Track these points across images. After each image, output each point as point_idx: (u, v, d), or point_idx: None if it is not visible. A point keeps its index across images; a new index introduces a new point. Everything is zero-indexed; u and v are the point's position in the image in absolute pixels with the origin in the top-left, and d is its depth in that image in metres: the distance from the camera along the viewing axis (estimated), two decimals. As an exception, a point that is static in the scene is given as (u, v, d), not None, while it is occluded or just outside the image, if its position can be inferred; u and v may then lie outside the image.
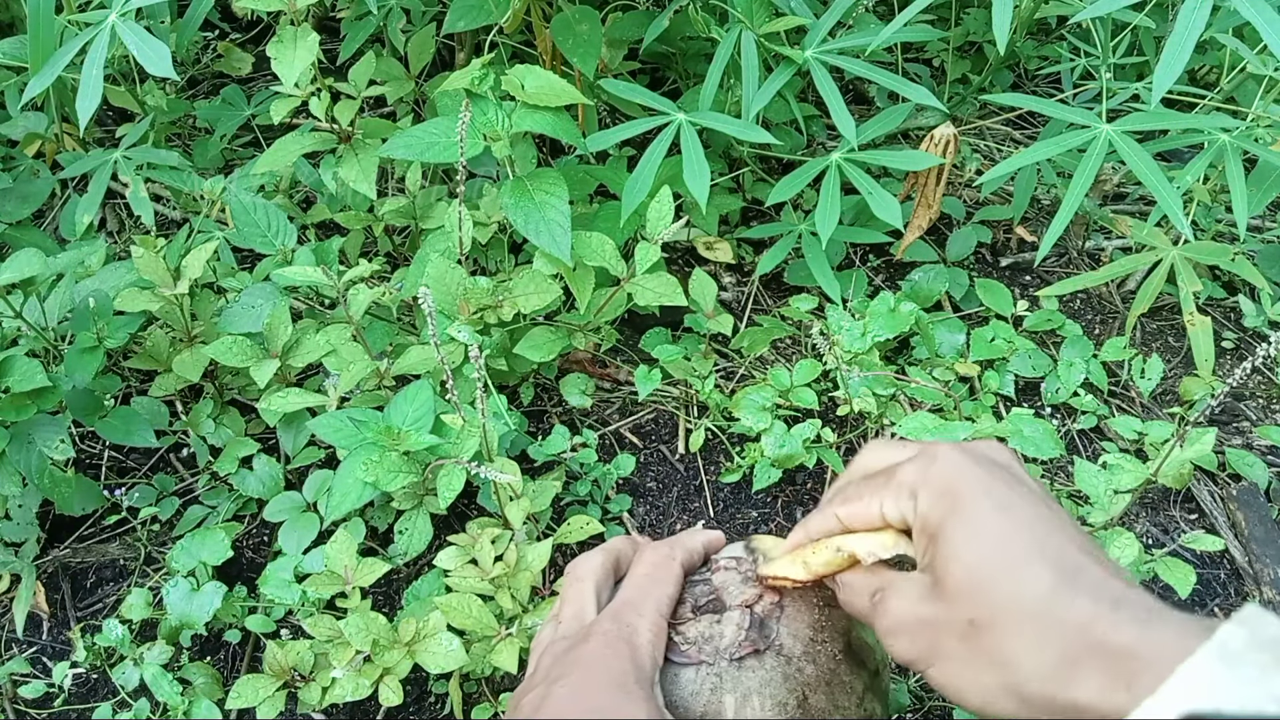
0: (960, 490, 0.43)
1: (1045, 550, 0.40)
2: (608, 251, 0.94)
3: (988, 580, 0.40)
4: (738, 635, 0.52)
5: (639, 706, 0.44)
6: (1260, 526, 0.97)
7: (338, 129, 0.98)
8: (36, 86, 0.88)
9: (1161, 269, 1.08)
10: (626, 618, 0.50)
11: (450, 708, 0.83)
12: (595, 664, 0.47)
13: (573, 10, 1.03)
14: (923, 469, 0.45)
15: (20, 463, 0.85)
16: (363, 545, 0.87)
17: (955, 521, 0.42)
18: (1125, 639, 0.36)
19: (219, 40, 1.49)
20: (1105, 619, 0.37)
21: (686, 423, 1.07)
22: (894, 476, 0.46)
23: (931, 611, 0.42)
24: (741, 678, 0.51)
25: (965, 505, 0.42)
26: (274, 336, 0.91)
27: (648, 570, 0.53)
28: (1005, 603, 0.39)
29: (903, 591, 0.44)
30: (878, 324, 1.00)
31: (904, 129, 1.35)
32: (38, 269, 0.83)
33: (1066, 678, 0.37)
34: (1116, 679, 0.36)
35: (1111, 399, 1.10)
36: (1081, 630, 0.37)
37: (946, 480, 0.43)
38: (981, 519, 0.42)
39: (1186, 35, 0.82)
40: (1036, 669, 0.38)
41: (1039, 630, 0.38)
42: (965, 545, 0.41)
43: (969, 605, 0.40)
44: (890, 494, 0.45)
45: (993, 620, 0.40)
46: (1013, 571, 0.40)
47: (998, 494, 0.42)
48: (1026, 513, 0.42)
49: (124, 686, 0.81)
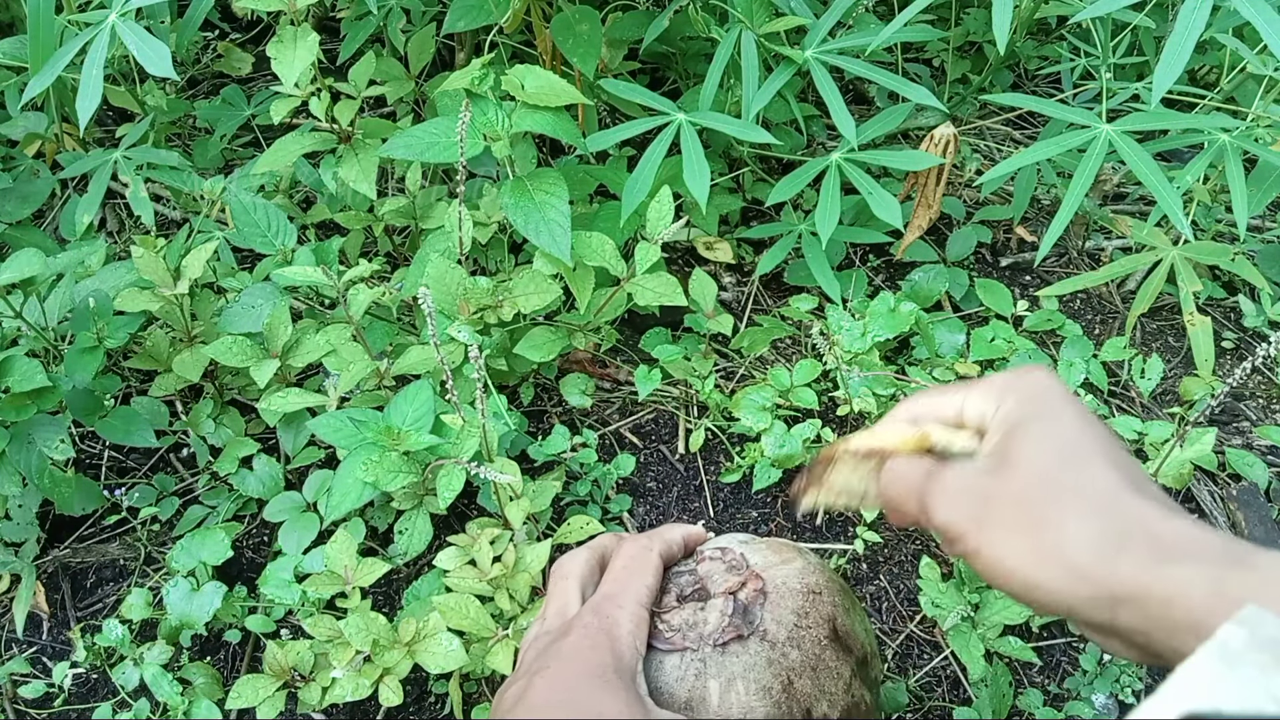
0: (1051, 399, 0.45)
1: (1117, 462, 0.42)
2: (608, 251, 0.94)
3: (1057, 467, 0.42)
4: (721, 621, 0.53)
5: (618, 696, 0.45)
6: (1260, 526, 0.97)
7: (338, 129, 0.98)
8: (36, 86, 0.88)
9: (1161, 269, 1.08)
10: (606, 610, 0.50)
11: (450, 708, 0.83)
12: (575, 656, 0.47)
13: (573, 10, 1.03)
14: (1017, 375, 0.46)
15: (20, 463, 0.85)
16: (363, 545, 0.87)
17: (1039, 418, 0.44)
18: (1176, 529, 0.39)
19: (219, 40, 1.49)
20: (1157, 515, 0.39)
21: (686, 423, 1.07)
22: (983, 380, 0.47)
23: (991, 483, 0.43)
24: (725, 663, 0.51)
25: (1052, 407, 0.44)
26: (274, 336, 0.91)
27: (626, 563, 0.54)
28: (1070, 485, 0.41)
29: (964, 467, 0.45)
30: (878, 324, 1.00)
31: (904, 129, 1.35)
32: (38, 269, 0.83)
33: (1114, 549, 0.39)
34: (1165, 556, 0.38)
35: (1111, 399, 1.10)
36: (1137, 518, 0.39)
37: (1040, 388, 0.45)
38: (1066, 420, 0.43)
39: (1186, 35, 0.82)
40: (1087, 536, 0.39)
41: (1098, 509, 0.40)
42: (1043, 437, 0.43)
43: (1033, 482, 0.42)
44: (978, 392, 0.47)
45: (1054, 496, 0.41)
46: (1083, 465, 0.42)
47: (1080, 409, 0.45)
48: (1102, 429, 0.44)
49: (124, 686, 0.81)
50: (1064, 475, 0.42)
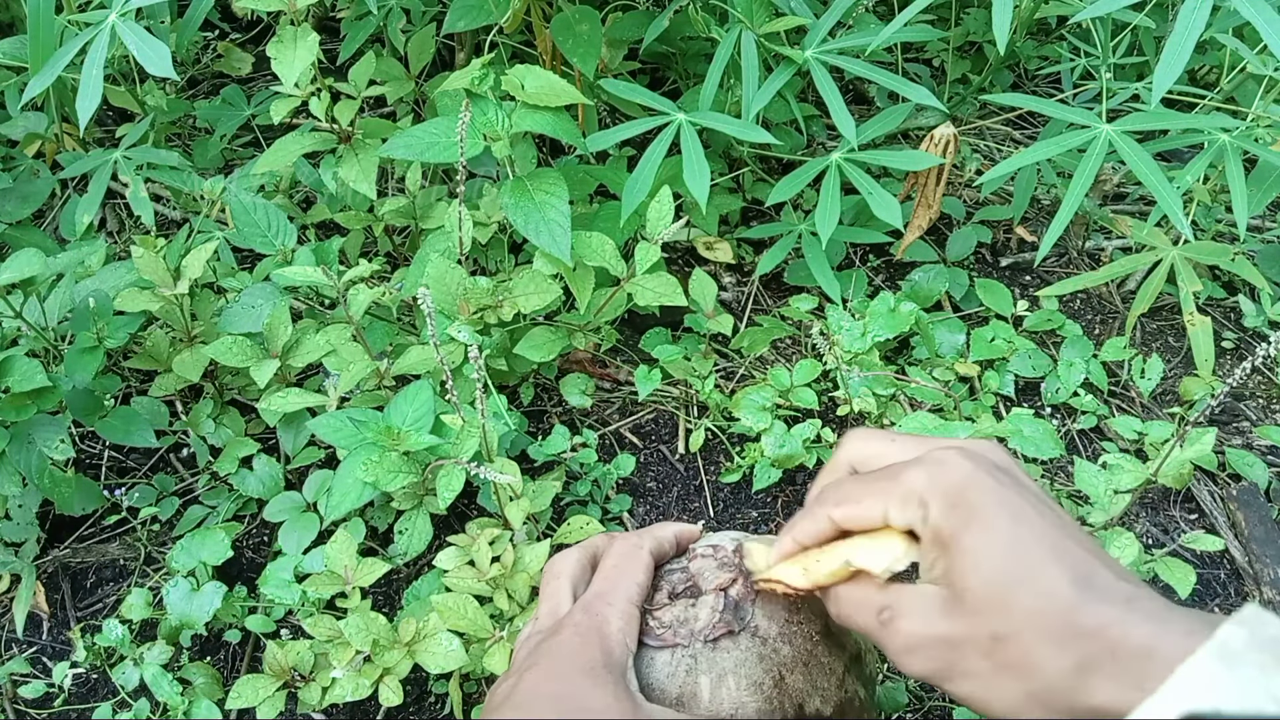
0: (974, 500, 0.42)
1: (1059, 557, 0.40)
2: (608, 251, 0.94)
3: (1008, 592, 0.40)
4: (712, 617, 0.53)
5: (607, 691, 0.45)
6: (1260, 526, 0.97)
7: (338, 129, 0.98)
8: (36, 86, 0.88)
9: (1161, 269, 1.08)
10: (596, 608, 0.50)
11: (450, 708, 0.83)
12: (565, 653, 0.47)
13: (573, 10, 1.03)
14: (931, 476, 0.43)
15: (20, 463, 0.85)
16: (363, 545, 0.87)
17: (971, 533, 0.41)
18: (1139, 639, 0.37)
19: (219, 40, 1.49)
20: (1119, 622, 0.38)
21: (686, 423, 1.07)
22: (900, 481, 0.44)
23: (950, 629, 0.42)
24: (716, 659, 0.51)
25: (980, 515, 0.42)
26: (274, 336, 0.91)
27: (616, 561, 0.54)
28: (1026, 613, 0.39)
29: (915, 609, 0.43)
30: (878, 324, 1.00)
31: (904, 129, 1.35)
32: (38, 269, 0.83)
33: (1085, 682, 0.38)
34: (1132, 679, 0.36)
35: (1111, 399, 1.10)
36: (1098, 635, 0.38)
37: (958, 489, 0.43)
38: (997, 530, 0.41)
39: (1186, 35, 0.82)
40: (1058, 676, 0.38)
41: (1060, 638, 0.38)
42: (984, 557, 0.41)
43: (990, 619, 0.40)
44: (897, 500, 0.44)
45: (1014, 632, 0.39)
46: (1031, 582, 0.40)
47: (1009, 501, 0.42)
48: (1036, 519, 0.42)
49: (124, 686, 0.81)
50: (1017, 602, 0.40)
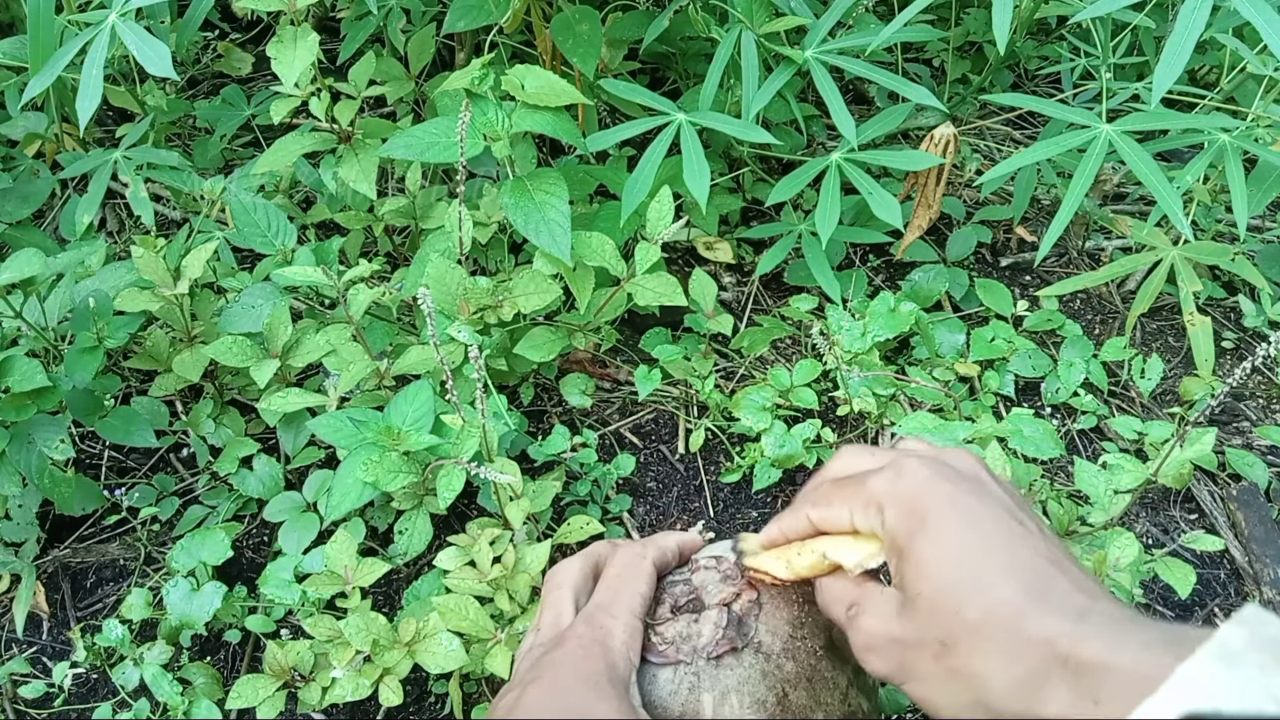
0: (927, 506, 0.43)
1: (1013, 566, 0.40)
2: (608, 251, 0.94)
3: (956, 600, 0.40)
4: (715, 634, 0.52)
5: (611, 705, 0.45)
6: (1260, 526, 0.97)
7: (338, 129, 0.98)
8: (36, 86, 0.88)
9: (1161, 269, 1.08)
10: (600, 620, 0.50)
11: (450, 708, 0.83)
12: (568, 665, 0.47)
13: (573, 10, 1.03)
14: (890, 482, 0.44)
15: (20, 463, 0.85)
16: (363, 545, 0.87)
17: (922, 539, 0.42)
18: (1089, 653, 0.37)
19: (219, 40, 1.49)
20: (1070, 635, 0.38)
21: (686, 423, 1.07)
22: (864, 487, 0.46)
23: (903, 631, 0.42)
24: (719, 676, 0.51)
25: (932, 522, 0.42)
26: (274, 336, 0.91)
27: (620, 571, 0.54)
28: (974, 622, 0.40)
29: (876, 609, 0.45)
30: (878, 324, 1.00)
31: (904, 129, 1.35)
32: (38, 269, 0.83)
33: (1035, 694, 0.38)
34: (1084, 693, 0.36)
35: (1111, 399, 1.10)
36: (1047, 646, 0.38)
37: (913, 496, 0.43)
38: (948, 537, 0.42)
39: (1186, 35, 0.82)
40: (1006, 686, 0.38)
41: (1007, 648, 0.39)
42: (933, 564, 0.41)
43: (938, 625, 0.41)
44: (860, 506, 0.46)
45: (962, 640, 0.40)
46: (980, 591, 0.40)
47: (964, 508, 0.42)
48: (992, 527, 0.42)
49: (124, 686, 0.81)
50: (965, 610, 0.40)
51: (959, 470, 0.45)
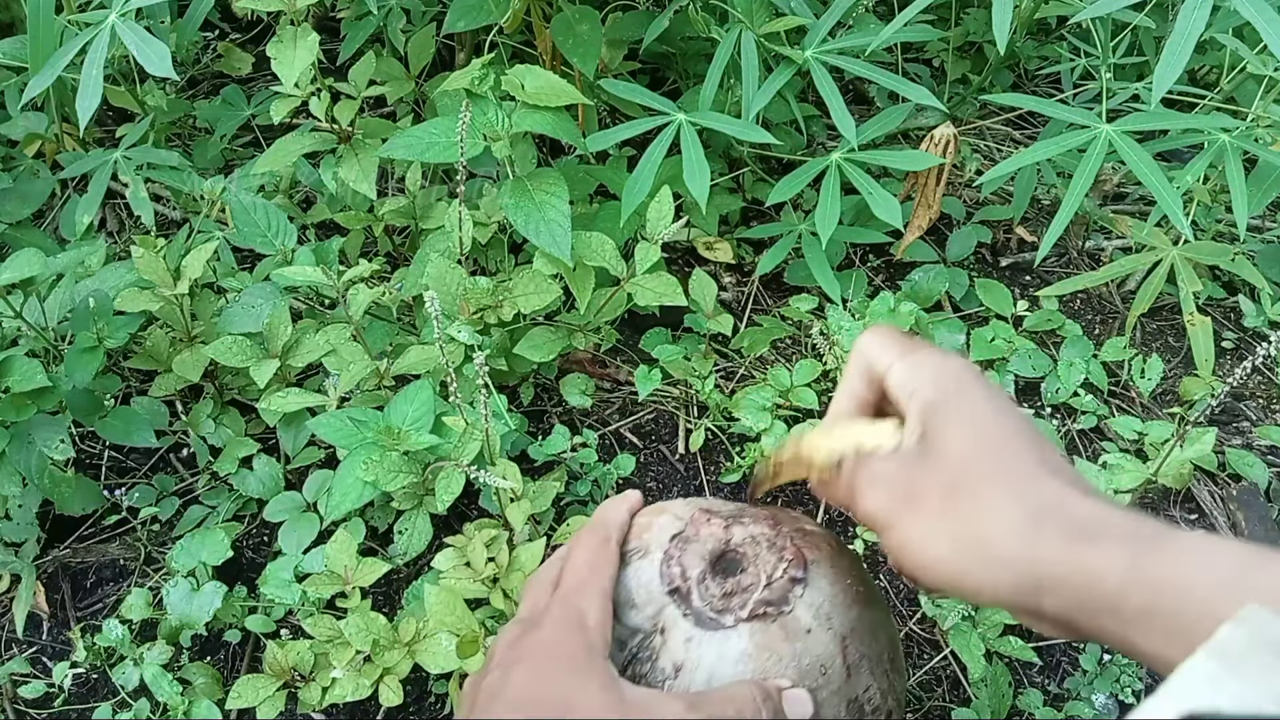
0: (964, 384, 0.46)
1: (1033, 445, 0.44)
2: (608, 251, 0.94)
3: (975, 453, 0.44)
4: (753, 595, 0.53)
5: (594, 680, 0.47)
6: (1260, 526, 0.97)
7: (338, 129, 0.98)
8: (36, 86, 0.88)
9: (1161, 269, 1.08)
10: (573, 602, 0.52)
11: (450, 708, 0.83)
12: (549, 647, 0.49)
13: (573, 10, 1.03)
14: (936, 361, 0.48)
15: (20, 463, 0.85)
16: (363, 545, 0.87)
17: (955, 406, 0.46)
18: (1090, 509, 0.40)
19: (219, 40, 1.48)
20: (1075, 497, 0.41)
21: (686, 423, 1.07)
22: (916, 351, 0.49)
23: (915, 472, 0.45)
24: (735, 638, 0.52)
25: (966, 396, 0.46)
26: (274, 336, 0.91)
27: (587, 555, 0.55)
28: (989, 470, 0.43)
29: (889, 456, 0.47)
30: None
31: (904, 129, 1.35)
32: (38, 269, 0.83)
33: (1034, 533, 0.40)
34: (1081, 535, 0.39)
35: (1111, 399, 1.10)
36: (1054, 499, 0.41)
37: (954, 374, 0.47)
38: (979, 408, 0.45)
39: (1186, 35, 0.82)
40: (1007, 522, 0.41)
41: (1016, 494, 0.42)
42: (961, 424, 0.45)
43: (954, 470, 0.44)
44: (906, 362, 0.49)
45: (974, 482, 0.43)
46: (1001, 448, 0.43)
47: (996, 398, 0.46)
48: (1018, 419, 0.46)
49: (124, 686, 0.81)
50: (982, 460, 0.43)
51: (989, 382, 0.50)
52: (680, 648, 0.52)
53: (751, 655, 0.51)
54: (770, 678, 0.51)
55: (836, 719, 0.52)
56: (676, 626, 0.53)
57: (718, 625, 0.52)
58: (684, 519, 0.58)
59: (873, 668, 0.54)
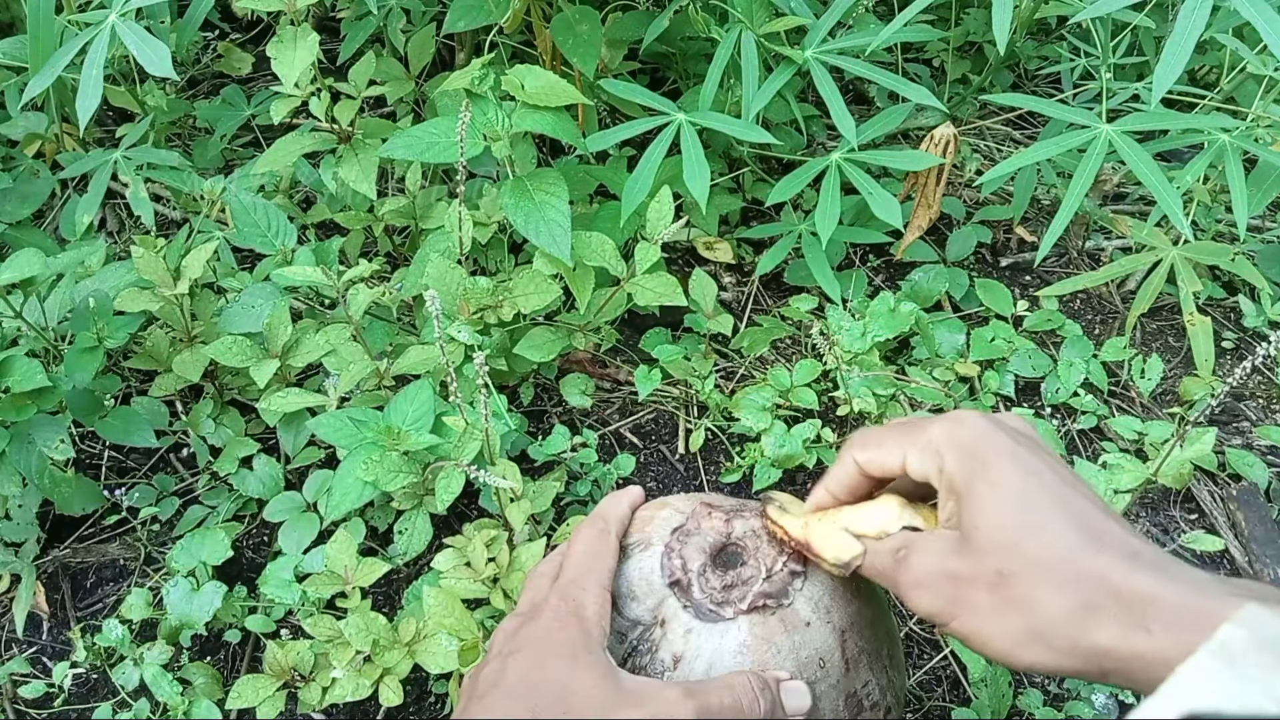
0: (987, 452, 0.45)
1: (1069, 511, 0.43)
2: (608, 251, 0.94)
3: (1015, 535, 0.43)
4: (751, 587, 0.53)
5: (591, 669, 0.47)
6: (1260, 526, 0.97)
7: (338, 129, 0.98)
8: (36, 86, 0.88)
9: (1161, 269, 1.08)
10: (572, 593, 0.52)
11: (450, 708, 0.83)
12: (547, 637, 0.49)
13: (573, 10, 1.03)
14: (949, 429, 0.47)
15: (20, 463, 0.85)
16: (363, 545, 0.87)
17: (983, 481, 0.44)
18: (1140, 585, 0.39)
19: (219, 40, 1.49)
20: (1122, 569, 0.40)
21: (686, 423, 1.07)
22: (922, 430, 0.48)
23: (958, 565, 0.44)
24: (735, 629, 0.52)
25: (992, 465, 0.45)
26: (274, 336, 0.91)
27: (586, 548, 0.55)
28: (1032, 556, 0.42)
29: (928, 548, 0.46)
30: (878, 324, 1.00)
31: (904, 129, 1.35)
32: (38, 269, 0.83)
33: (1088, 622, 0.40)
34: (1135, 620, 0.39)
35: (1111, 399, 1.10)
36: (1101, 579, 0.40)
37: (973, 441, 0.46)
38: (1008, 479, 0.44)
39: (1186, 35, 0.82)
40: (1060, 614, 0.40)
41: (1063, 580, 0.41)
42: (994, 503, 0.44)
43: (997, 558, 0.43)
44: (916, 449, 0.47)
45: (1019, 572, 0.42)
46: (1038, 529, 0.42)
47: (1022, 457, 0.45)
48: (1049, 476, 0.44)
49: (124, 686, 0.81)
50: (1024, 545, 0.42)
51: (1014, 427, 0.48)
52: (680, 639, 0.52)
53: (750, 647, 0.51)
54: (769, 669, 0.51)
55: (835, 712, 0.52)
56: (676, 618, 0.53)
57: (717, 617, 0.52)
58: (685, 513, 0.58)
59: (872, 663, 0.54)
